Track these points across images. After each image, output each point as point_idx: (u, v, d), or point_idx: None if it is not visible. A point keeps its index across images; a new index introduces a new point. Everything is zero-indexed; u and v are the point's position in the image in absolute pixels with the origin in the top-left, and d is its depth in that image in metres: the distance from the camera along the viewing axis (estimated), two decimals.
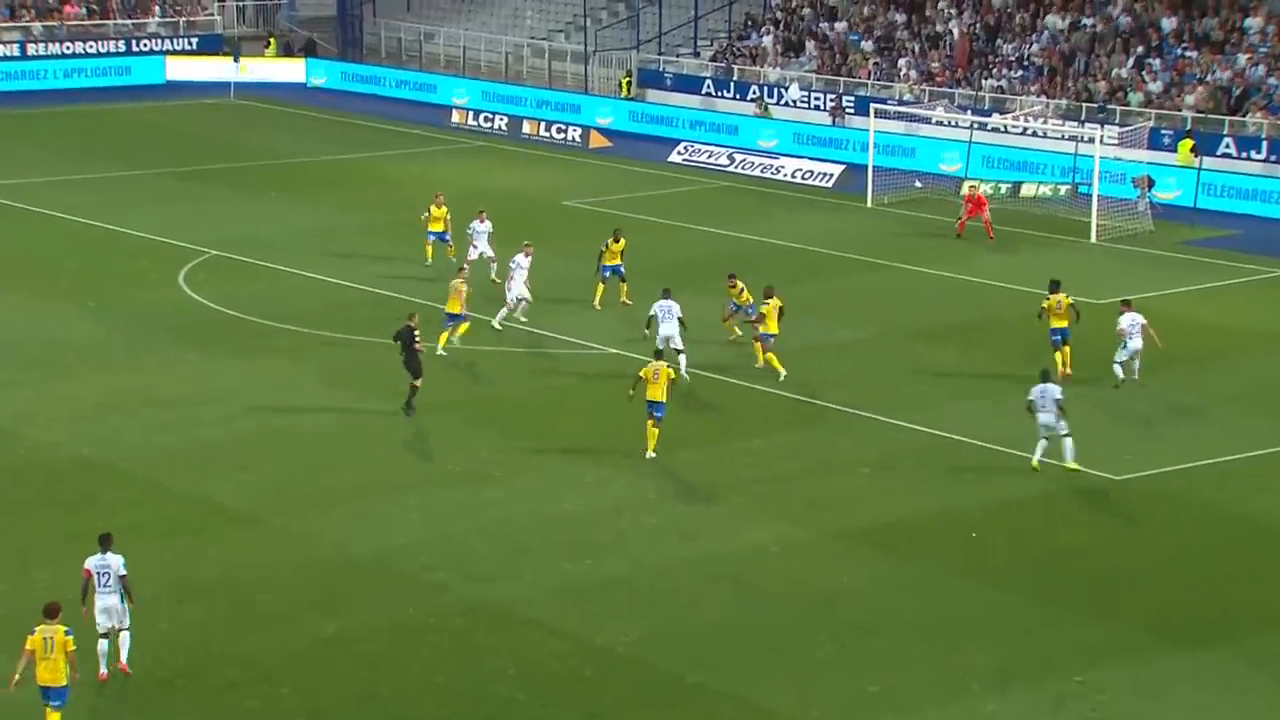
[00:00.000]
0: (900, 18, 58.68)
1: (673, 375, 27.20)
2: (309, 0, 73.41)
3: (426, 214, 37.83)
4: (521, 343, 32.53)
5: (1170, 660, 20.47)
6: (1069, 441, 26.30)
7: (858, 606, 21.83)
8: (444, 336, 31.35)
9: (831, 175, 50.25)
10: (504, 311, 33.16)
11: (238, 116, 60.10)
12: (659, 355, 27.55)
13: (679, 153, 53.79)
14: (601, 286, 34.98)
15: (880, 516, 24.74)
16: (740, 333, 32.59)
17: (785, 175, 50.98)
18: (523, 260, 33.45)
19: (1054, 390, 26.46)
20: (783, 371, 30.53)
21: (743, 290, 32.22)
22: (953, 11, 57.64)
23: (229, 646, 20.31)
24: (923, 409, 29.36)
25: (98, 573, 19.35)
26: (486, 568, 22.67)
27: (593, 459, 26.78)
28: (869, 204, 46.87)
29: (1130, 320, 30.49)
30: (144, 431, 27.46)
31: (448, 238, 37.58)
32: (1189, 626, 21.34)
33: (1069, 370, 30.43)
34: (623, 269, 35.07)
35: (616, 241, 35.09)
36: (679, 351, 30.20)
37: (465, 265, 34.16)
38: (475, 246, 36.60)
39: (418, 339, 28.24)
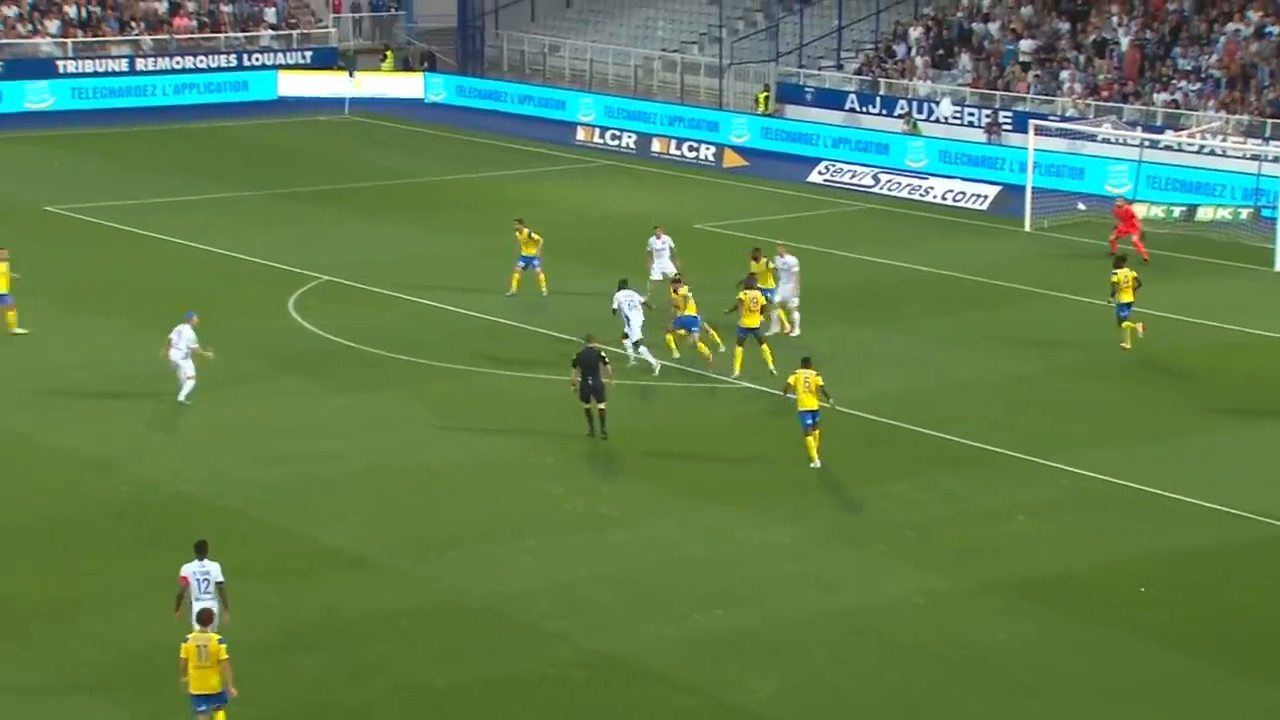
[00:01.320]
0: (1063, 26, 58.10)
1: (820, 383, 27.69)
2: (428, 11, 74.51)
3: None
4: (647, 376, 32.61)
5: None
6: None
7: (1012, 665, 21.52)
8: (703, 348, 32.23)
9: (986, 197, 49.84)
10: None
11: (352, 134, 61.14)
12: (806, 363, 27.99)
13: (820, 172, 53.70)
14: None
15: (1037, 567, 24.40)
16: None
17: (935, 197, 50.67)
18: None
19: None
20: (769, 367, 31.45)
21: (688, 299, 32.46)
22: (1122, 19, 56.94)
23: (337, 697, 20.54)
24: (1085, 451, 28.93)
25: (196, 579, 20.14)
26: (608, 617, 22.72)
27: (723, 502, 26.74)
28: (1027, 228, 46.39)
29: None
30: (250, 467, 27.95)
31: (537, 263, 37.67)
32: None
33: (1127, 345, 33.99)
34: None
35: (756, 261, 35.08)
36: (638, 343, 32.13)
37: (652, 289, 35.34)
38: (656, 265, 36.77)
39: (605, 359, 28.86)
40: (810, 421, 27.69)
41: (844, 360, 34.43)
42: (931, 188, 51.18)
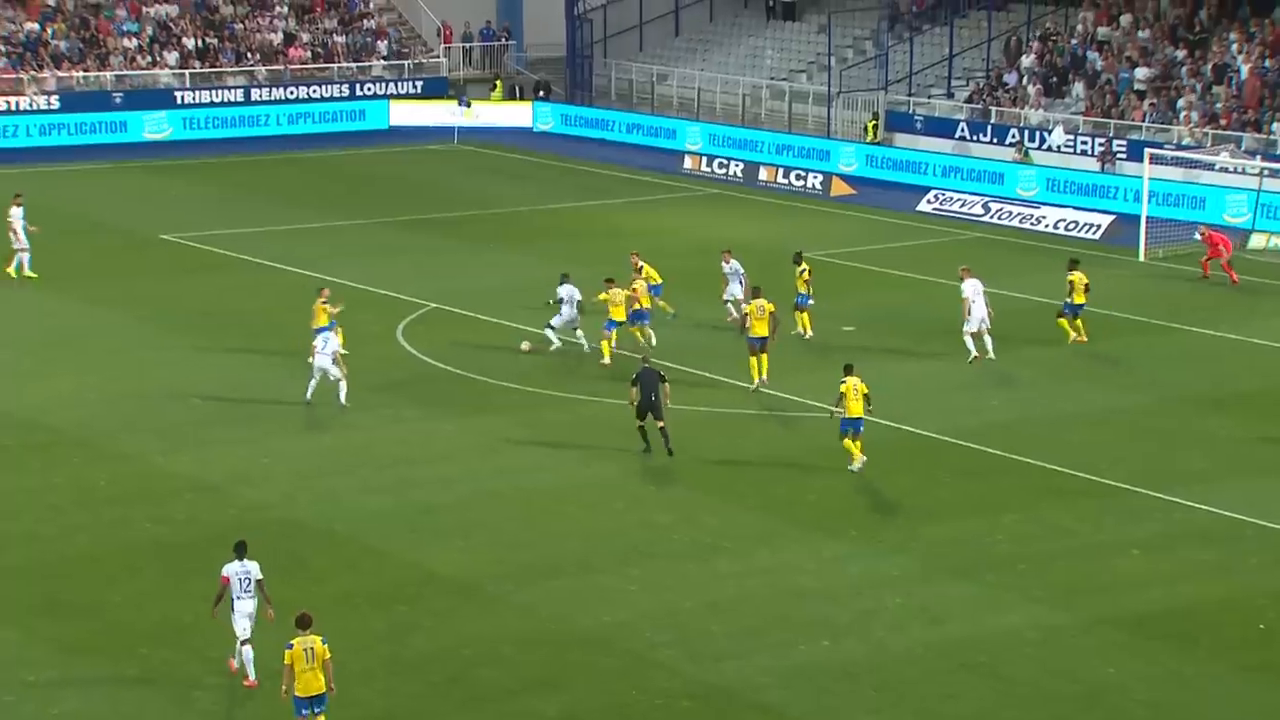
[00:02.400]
0: (1179, 54, 57.37)
1: (866, 390, 28.55)
2: (538, 41, 75.08)
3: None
4: (753, 404, 32.49)
5: None
6: None
7: (1126, 702, 21.14)
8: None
9: (1099, 226, 49.26)
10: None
11: (461, 163, 61.66)
12: (849, 370, 28.81)
13: (929, 201, 53.36)
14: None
15: (1153, 603, 23.98)
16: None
17: (1047, 226, 50.16)
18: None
19: None
20: (757, 380, 32.76)
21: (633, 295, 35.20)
22: (1242, 45, 56.11)
23: None
24: (1204, 485, 28.44)
25: (238, 579, 20.88)
26: (715, 647, 22.60)
27: (830, 532, 26.55)
28: (1141, 258, 45.78)
29: None
30: (359, 493, 28.16)
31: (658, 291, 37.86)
32: None
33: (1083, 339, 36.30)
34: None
35: (798, 265, 36.90)
36: (553, 331, 35.23)
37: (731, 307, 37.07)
38: (729, 288, 37.61)
39: (665, 378, 29.81)
40: (854, 429, 28.36)
41: (954, 391, 34.14)
42: (1043, 217, 50.67)
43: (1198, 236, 45.22)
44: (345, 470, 29.21)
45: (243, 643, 20.89)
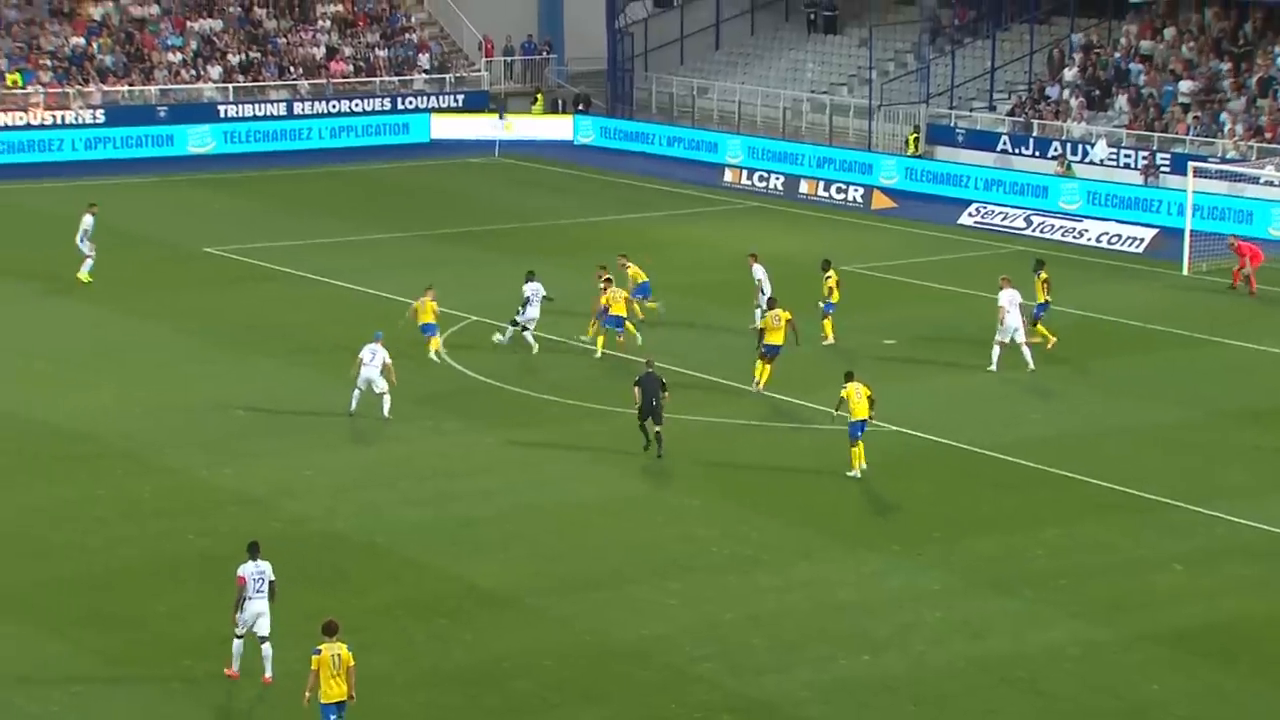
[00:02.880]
0: (1224, 66, 57.11)
1: (870, 394, 29.14)
2: (579, 55, 75.28)
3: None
4: (792, 418, 32.49)
5: None
6: None
7: (1169, 719, 21.04)
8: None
9: (1142, 240, 49.08)
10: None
11: (502, 176, 61.85)
12: (850, 377, 29.51)
13: (970, 214, 53.25)
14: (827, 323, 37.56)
15: (1195, 619, 23.88)
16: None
17: (1089, 239, 49.99)
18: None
19: None
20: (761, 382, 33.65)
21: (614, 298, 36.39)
22: None
23: None
24: (1247, 500, 28.31)
25: (252, 579, 21.58)
26: (755, 661, 22.62)
27: (871, 545, 26.54)
28: (1185, 271, 45.60)
29: None
30: (400, 506, 28.29)
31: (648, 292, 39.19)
32: None
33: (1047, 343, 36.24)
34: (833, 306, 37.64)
35: (825, 271, 37.66)
36: (516, 323, 36.92)
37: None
38: (762, 293, 38.11)
39: (665, 385, 30.49)
40: (860, 432, 28.92)
41: (996, 404, 34.08)
42: (1085, 230, 50.51)
43: (1228, 247, 44.99)
44: (386, 483, 29.35)
45: (237, 636, 21.58)
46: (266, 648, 21.54)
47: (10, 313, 41.08)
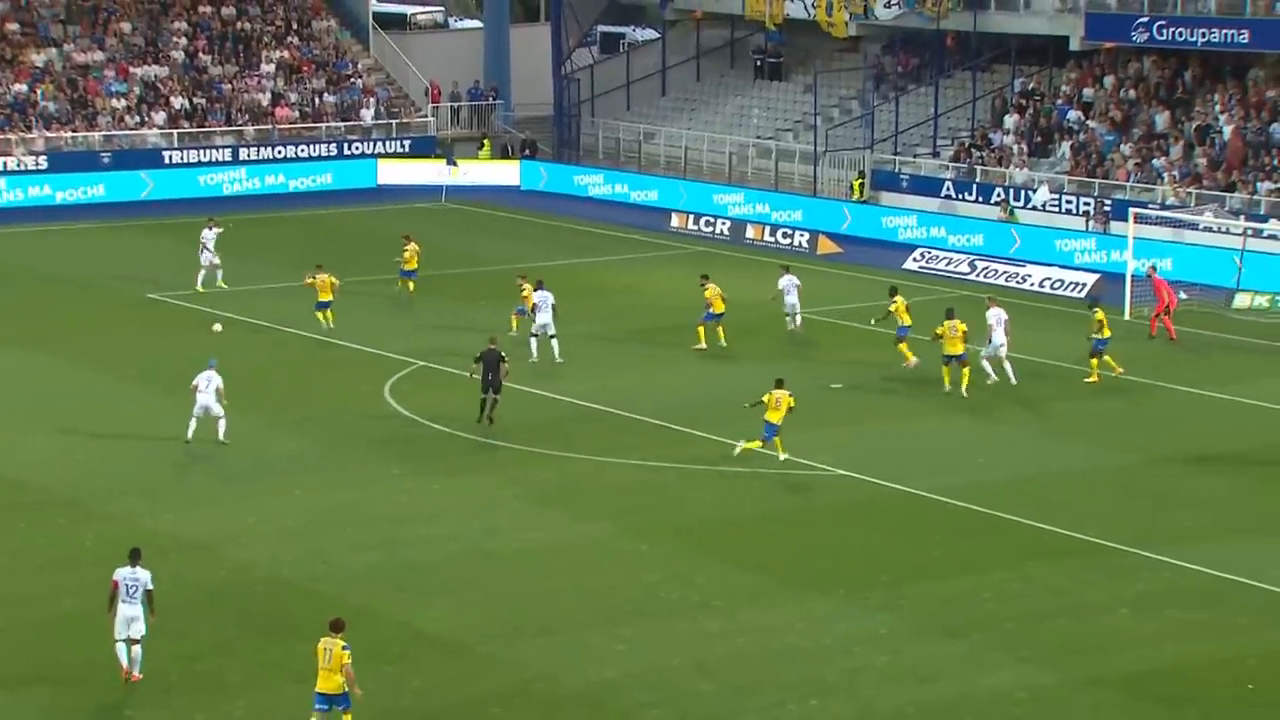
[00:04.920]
0: (1162, 115, 57.78)
1: (792, 404, 31.39)
2: (525, 100, 75.44)
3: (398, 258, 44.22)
4: (738, 462, 32.52)
5: None
6: None
7: None
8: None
9: (1084, 285, 49.48)
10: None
11: (449, 221, 61.81)
12: (780, 384, 31.62)
13: (915, 259, 53.58)
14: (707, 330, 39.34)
15: (1143, 663, 23.98)
16: None
17: (1032, 284, 50.38)
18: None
19: None
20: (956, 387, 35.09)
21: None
22: (1225, 106, 56.51)
23: None
24: (1192, 544, 28.49)
25: (126, 584, 22.31)
26: (704, 707, 22.55)
27: (818, 590, 26.55)
28: (1127, 316, 45.97)
29: None
30: (346, 552, 28.10)
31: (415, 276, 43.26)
32: None
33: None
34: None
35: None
36: (552, 336, 39.25)
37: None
38: (787, 301, 41.81)
39: (505, 358, 34.12)
40: (771, 435, 31.44)
41: (942, 448, 34.21)
42: (1029, 275, 50.90)
43: (1145, 273, 45.32)
44: (332, 529, 29.17)
45: (118, 640, 22.29)
46: (136, 650, 22.37)
47: None
